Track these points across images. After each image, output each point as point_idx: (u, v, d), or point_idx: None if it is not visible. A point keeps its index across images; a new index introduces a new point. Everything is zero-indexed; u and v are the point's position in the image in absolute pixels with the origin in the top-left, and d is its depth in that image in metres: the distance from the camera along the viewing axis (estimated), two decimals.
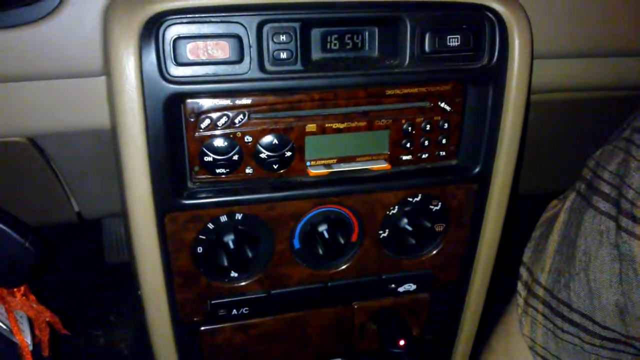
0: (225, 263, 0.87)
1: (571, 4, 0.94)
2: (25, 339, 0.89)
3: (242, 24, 0.75)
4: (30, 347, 0.90)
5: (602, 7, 0.96)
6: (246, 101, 0.81)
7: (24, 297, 0.87)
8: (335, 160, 0.89)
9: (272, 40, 0.77)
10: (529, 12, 0.87)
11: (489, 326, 1.16)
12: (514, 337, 1.07)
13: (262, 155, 0.84)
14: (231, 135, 0.82)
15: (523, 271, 1.07)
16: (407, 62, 0.82)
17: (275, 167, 0.86)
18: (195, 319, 0.94)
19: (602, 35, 0.99)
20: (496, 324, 1.14)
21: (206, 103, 0.80)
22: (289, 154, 0.86)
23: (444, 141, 0.92)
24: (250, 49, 0.76)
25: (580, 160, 1.02)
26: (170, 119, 0.78)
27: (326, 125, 0.86)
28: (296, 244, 0.93)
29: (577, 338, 0.95)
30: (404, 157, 0.92)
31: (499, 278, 1.11)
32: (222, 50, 0.75)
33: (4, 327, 0.88)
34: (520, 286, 1.07)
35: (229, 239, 0.86)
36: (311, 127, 0.85)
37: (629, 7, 0.98)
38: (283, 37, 0.77)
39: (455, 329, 1.13)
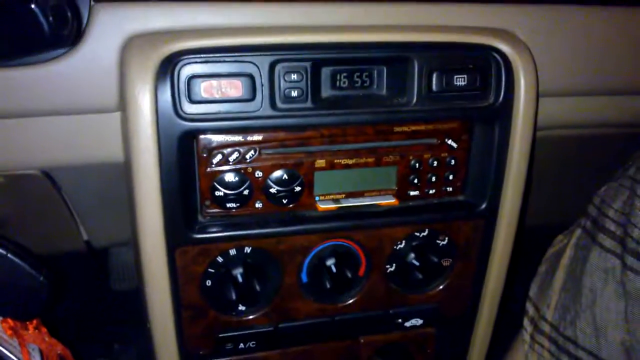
0: (234, 297, 0.88)
1: (576, 44, 0.96)
2: None
3: (254, 64, 0.77)
4: None
5: (605, 46, 0.98)
6: (257, 137, 0.83)
7: (36, 331, 0.88)
8: (343, 195, 0.90)
9: (284, 79, 0.78)
10: (534, 52, 0.89)
11: None
12: None
13: (272, 190, 0.86)
14: (242, 171, 0.84)
15: (529, 307, 1.07)
16: (414, 100, 0.84)
17: (284, 201, 0.87)
18: (201, 352, 0.94)
19: (606, 74, 1.00)
20: (503, 358, 1.13)
21: (218, 139, 0.81)
22: (298, 188, 0.87)
23: (450, 177, 0.93)
24: (262, 87, 0.78)
25: (586, 194, 1.03)
26: (183, 154, 0.79)
27: (335, 161, 0.87)
28: (304, 277, 0.93)
29: None
30: (412, 193, 0.93)
31: (505, 312, 1.11)
32: (235, 88, 0.77)
33: None
34: (526, 322, 1.07)
35: (238, 272, 0.87)
36: (320, 162, 0.87)
37: (633, 47, 1.00)
38: (294, 76, 0.79)
39: None
